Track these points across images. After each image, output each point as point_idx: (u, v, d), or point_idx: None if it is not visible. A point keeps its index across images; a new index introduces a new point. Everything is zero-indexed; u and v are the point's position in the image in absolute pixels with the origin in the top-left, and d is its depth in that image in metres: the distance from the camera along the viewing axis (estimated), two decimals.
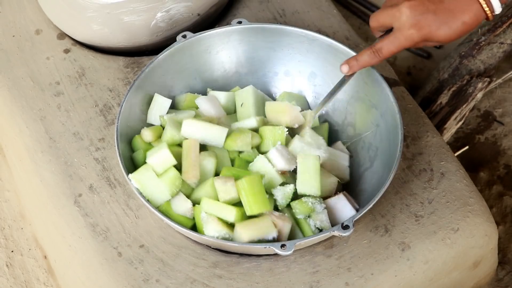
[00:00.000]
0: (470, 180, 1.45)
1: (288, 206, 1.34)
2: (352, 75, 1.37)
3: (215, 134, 1.37)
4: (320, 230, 1.32)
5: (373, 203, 1.27)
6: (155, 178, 1.32)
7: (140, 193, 1.30)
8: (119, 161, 1.32)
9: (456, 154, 1.69)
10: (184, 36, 1.46)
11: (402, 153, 1.38)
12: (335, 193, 1.37)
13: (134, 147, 1.39)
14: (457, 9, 1.24)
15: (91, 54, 1.59)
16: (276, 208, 1.34)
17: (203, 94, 1.49)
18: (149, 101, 1.43)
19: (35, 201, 1.56)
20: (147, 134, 1.39)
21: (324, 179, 1.36)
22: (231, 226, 1.30)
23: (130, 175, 1.30)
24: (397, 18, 1.27)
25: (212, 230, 1.29)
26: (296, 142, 1.38)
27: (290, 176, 1.37)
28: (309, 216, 1.32)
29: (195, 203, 1.33)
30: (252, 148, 1.39)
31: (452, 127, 1.73)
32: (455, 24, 1.25)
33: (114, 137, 1.34)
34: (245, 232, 1.27)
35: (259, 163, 1.35)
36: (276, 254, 1.32)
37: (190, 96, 1.46)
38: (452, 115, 1.73)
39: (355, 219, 1.26)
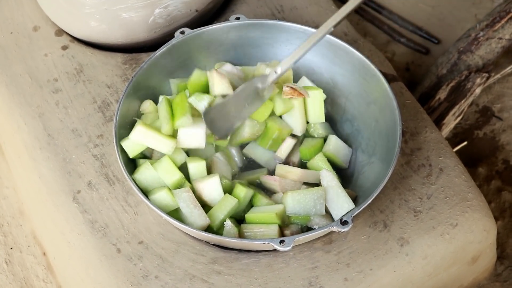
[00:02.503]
0: (469, 175, 1.45)
1: None
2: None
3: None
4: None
5: (371, 199, 1.27)
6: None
7: (139, 189, 1.30)
8: (118, 158, 1.32)
9: (454, 150, 1.69)
10: (182, 33, 1.46)
11: (401, 149, 1.38)
12: None
13: None
14: None
15: (89, 50, 1.59)
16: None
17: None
18: (147, 98, 1.43)
19: (34, 198, 1.56)
20: (146, 107, 1.41)
21: None
22: None
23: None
24: None
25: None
26: None
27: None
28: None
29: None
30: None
31: (451, 122, 1.73)
32: None
33: (113, 133, 1.34)
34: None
35: None
36: (275, 250, 1.32)
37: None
38: (450, 111, 1.73)
39: (354, 214, 1.26)
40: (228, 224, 1.31)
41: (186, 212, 1.32)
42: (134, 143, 1.35)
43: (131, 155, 1.36)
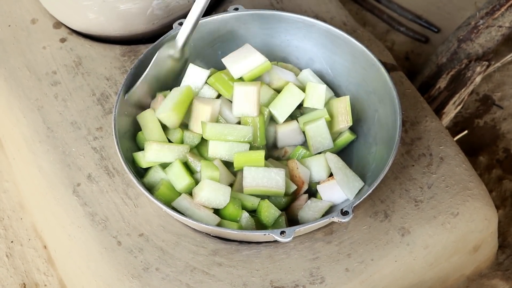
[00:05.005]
0: (470, 164, 1.45)
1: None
2: None
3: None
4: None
5: (372, 189, 1.27)
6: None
7: (139, 181, 1.30)
8: (117, 150, 1.32)
9: (455, 139, 1.68)
10: (181, 24, 1.45)
11: (401, 138, 1.38)
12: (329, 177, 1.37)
13: (138, 143, 1.40)
14: None
15: (88, 43, 1.59)
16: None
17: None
18: (146, 90, 1.43)
19: (34, 191, 1.56)
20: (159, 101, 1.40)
21: None
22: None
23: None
24: None
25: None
26: None
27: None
28: None
29: None
30: None
31: (451, 111, 1.73)
32: None
33: (112, 126, 1.34)
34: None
35: None
36: (275, 241, 1.32)
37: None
38: (450, 100, 1.72)
39: (355, 204, 1.26)
40: (245, 216, 1.31)
41: (192, 214, 1.31)
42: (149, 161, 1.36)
43: (144, 166, 1.37)
